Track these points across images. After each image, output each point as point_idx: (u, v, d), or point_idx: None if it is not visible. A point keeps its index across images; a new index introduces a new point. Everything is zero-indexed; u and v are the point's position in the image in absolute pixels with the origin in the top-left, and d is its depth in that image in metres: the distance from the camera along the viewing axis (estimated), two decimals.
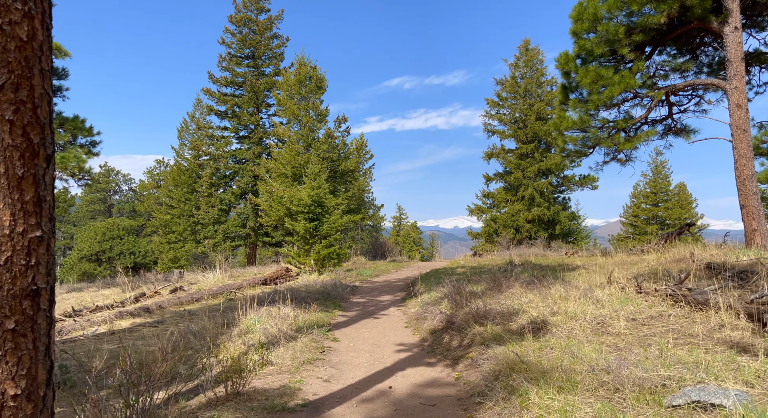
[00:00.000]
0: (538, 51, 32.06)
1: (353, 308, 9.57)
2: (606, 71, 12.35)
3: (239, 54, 28.53)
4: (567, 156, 14.54)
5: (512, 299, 7.18)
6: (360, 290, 12.36)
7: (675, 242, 23.00)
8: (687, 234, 21.70)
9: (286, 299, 9.52)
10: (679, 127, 13.34)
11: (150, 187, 51.05)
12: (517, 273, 10.48)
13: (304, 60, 19.10)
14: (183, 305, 11.31)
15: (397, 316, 8.69)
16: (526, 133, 31.06)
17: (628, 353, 4.54)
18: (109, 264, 44.00)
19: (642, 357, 4.35)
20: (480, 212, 32.79)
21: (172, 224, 35.24)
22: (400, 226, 48.37)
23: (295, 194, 15.20)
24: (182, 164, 34.77)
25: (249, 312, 7.86)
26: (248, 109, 28.34)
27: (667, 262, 10.58)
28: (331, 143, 19.34)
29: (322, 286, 11.09)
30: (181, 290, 14.09)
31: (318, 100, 19.22)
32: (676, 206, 40.76)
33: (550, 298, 6.91)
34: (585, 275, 9.77)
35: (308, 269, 14.94)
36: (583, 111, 13.21)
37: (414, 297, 9.90)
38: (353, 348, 6.48)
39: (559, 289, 7.39)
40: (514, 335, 5.69)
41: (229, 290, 12.71)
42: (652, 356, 4.37)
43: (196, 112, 35.77)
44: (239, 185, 27.98)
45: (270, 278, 14.32)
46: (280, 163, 18.73)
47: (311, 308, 8.38)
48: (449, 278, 11.15)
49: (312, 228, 15.05)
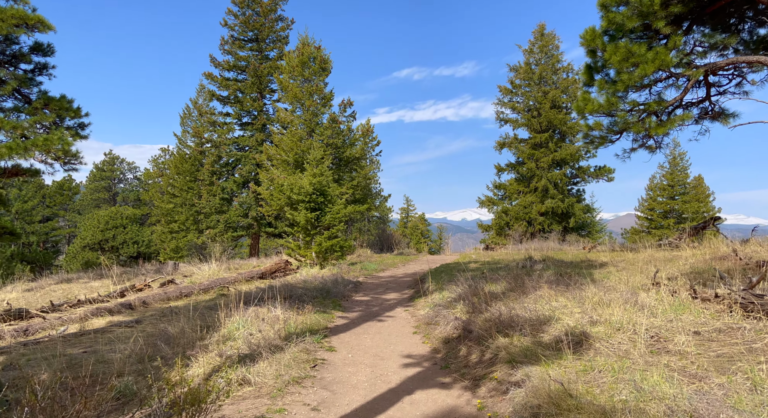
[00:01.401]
0: (553, 36, 30.64)
1: (355, 308, 8.54)
2: (638, 48, 11.12)
3: (242, 37, 27.39)
4: (590, 142, 13.32)
5: (540, 302, 6.10)
6: (364, 286, 11.32)
7: (700, 236, 21.78)
8: (712, 228, 20.49)
9: (280, 297, 8.51)
10: (717, 111, 12.10)
11: (155, 175, 50.33)
12: (539, 271, 9.38)
13: (307, 40, 17.93)
14: (170, 301, 10.34)
15: (404, 318, 7.64)
16: (540, 121, 29.74)
17: (707, 383, 3.46)
18: (113, 253, 43.45)
19: (730, 391, 3.27)
20: (491, 203, 31.59)
21: (175, 213, 34.39)
22: (407, 218, 47.30)
23: (295, 182, 14.14)
24: (185, 152, 33.83)
25: (235, 313, 6.85)
26: (251, 95, 27.24)
27: (707, 259, 9.44)
28: (336, 129, 18.22)
29: (321, 282, 10.06)
30: (173, 283, 13.14)
31: (322, 83, 18.06)
32: (693, 200, 39.32)
33: (587, 302, 5.82)
34: (616, 273, 8.67)
35: (309, 263, 13.93)
36: (611, 92, 11.99)
37: (423, 296, 8.85)
38: (352, 361, 5.45)
39: (593, 291, 6.30)
40: (547, 350, 4.62)
41: (222, 285, 11.73)
42: (743, 389, 3.29)
43: (199, 99, 34.76)
44: (241, 173, 26.98)
45: (268, 271, 13.33)
46: (282, 150, 17.67)
47: (306, 309, 7.35)
48: (462, 275, 10.09)
49: (313, 218, 14.01)
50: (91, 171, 54.46)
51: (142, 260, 37.22)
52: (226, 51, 26.94)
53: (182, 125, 35.32)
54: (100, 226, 42.83)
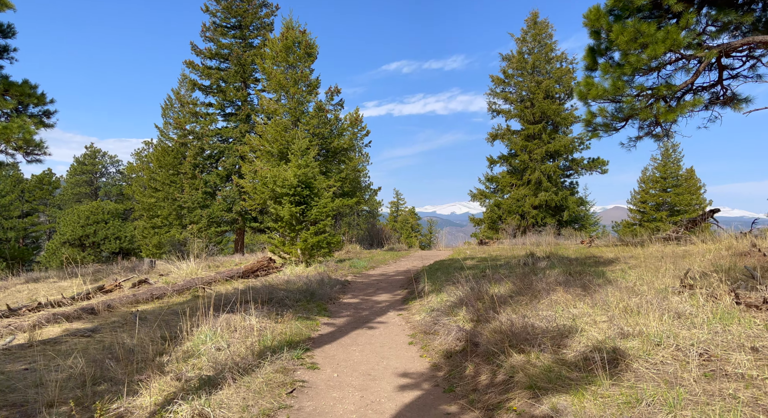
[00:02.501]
0: (546, 24, 29.82)
1: (343, 313, 7.67)
2: (648, 27, 10.31)
3: (225, 23, 26.22)
4: (593, 130, 12.52)
5: (557, 309, 5.27)
6: (352, 286, 10.45)
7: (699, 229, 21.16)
8: (711, 221, 19.88)
9: (259, 301, 7.61)
10: (728, 96, 11.34)
11: (138, 169, 48.92)
12: (545, 269, 8.58)
13: (292, 23, 16.89)
14: (138, 305, 9.40)
15: (397, 325, 6.79)
16: (533, 112, 28.97)
17: None
18: (94, 249, 42.15)
19: None
20: (483, 197, 30.84)
21: (157, 208, 33.20)
22: (397, 212, 46.48)
23: (279, 174, 13.20)
24: (167, 144, 32.64)
25: (204, 321, 5.95)
26: (235, 84, 26.12)
27: (726, 256, 8.70)
28: (323, 118, 17.25)
29: (306, 282, 9.17)
30: (146, 283, 12.17)
31: (308, 69, 17.06)
32: (686, 192, 38.91)
33: (612, 309, 5.00)
34: (630, 271, 7.89)
35: (294, 260, 13.03)
36: (616, 76, 11.18)
37: (418, 299, 8.00)
38: (337, 382, 4.58)
39: (615, 294, 5.49)
40: (574, 371, 3.80)
41: (198, 285, 10.79)
42: None
43: (182, 89, 33.47)
44: (225, 166, 25.91)
45: (249, 270, 12.40)
46: (266, 141, 16.69)
47: (286, 316, 6.46)
48: (460, 274, 9.26)
49: (298, 213, 13.09)
50: (72, 165, 52.87)
51: (120, 257, 35.98)
52: (208, 38, 25.77)
53: (164, 117, 34.06)
54: (81, 221, 41.49)
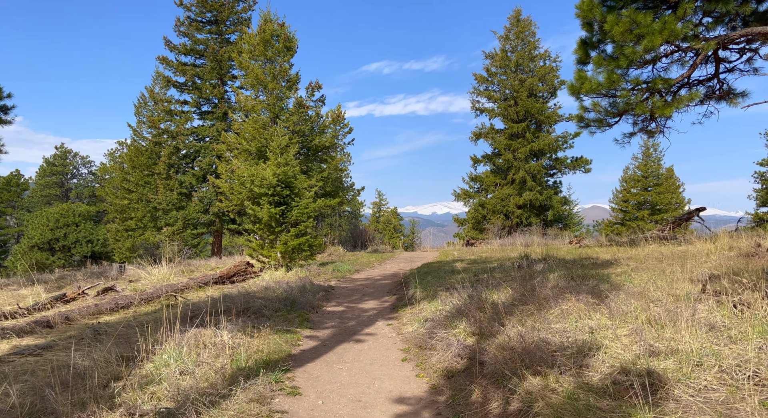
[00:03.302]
0: (530, 22, 29.54)
1: (326, 323, 6.99)
2: (644, 17, 9.85)
3: (200, 18, 25.25)
4: (586, 126, 12.02)
5: (569, 320, 4.68)
6: (336, 292, 9.76)
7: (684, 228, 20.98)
8: (696, 219, 19.70)
9: (234, 312, 6.89)
10: (725, 90, 10.97)
11: (111, 170, 47.37)
12: (542, 272, 8.03)
13: (270, 16, 16.14)
14: (101, 316, 8.58)
15: (387, 337, 6.14)
16: (517, 111, 28.63)
17: None
18: (64, 253, 40.68)
19: None
20: (467, 196, 30.40)
21: (130, 210, 31.97)
22: (380, 212, 45.86)
23: (257, 173, 12.45)
24: (140, 144, 31.49)
25: (169, 338, 5.22)
26: (211, 81, 25.18)
27: (731, 256, 8.26)
28: (303, 114, 16.52)
29: (286, 289, 8.46)
30: (113, 290, 11.30)
31: (287, 64, 16.32)
32: (667, 191, 39.09)
33: (633, 320, 4.43)
34: (634, 275, 7.38)
35: (273, 264, 12.28)
36: (611, 69, 10.70)
37: (409, 306, 7.36)
38: (323, 413, 3.91)
39: (631, 302, 4.94)
40: (605, 399, 3.20)
41: (169, 293, 9.99)
42: None
43: (156, 87, 32.32)
44: (201, 166, 24.94)
45: (225, 275, 11.62)
46: (243, 139, 15.89)
47: (264, 330, 5.76)
48: (452, 277, 8.65)
49: (278, 214, 12.35)
50: (41, 166, 50.98)
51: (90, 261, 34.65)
52: (182, 33, 24.78)
53: (137, 115, 32.81)
54: (50, 224, 39.95)
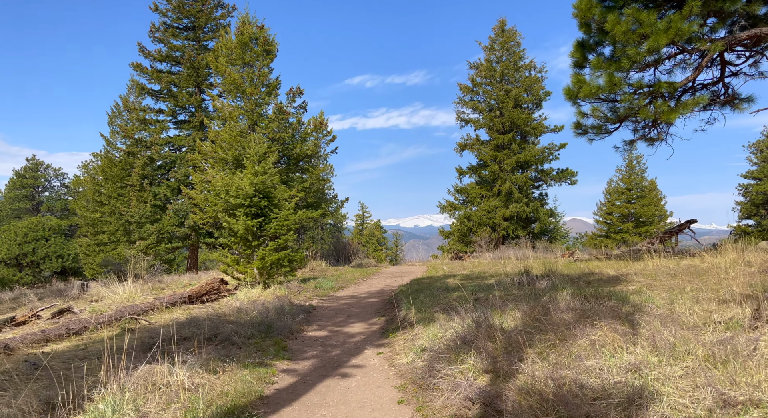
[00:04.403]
0: (514, 32, 29.29)
1: (307, 352, 6.06)
2: (647, 16, 9.28)
3: (176, 24, 24.33)
4: (583, 133, 11.42)
5: (602, 354, 3.86)
6: (319, 313, 8.82)
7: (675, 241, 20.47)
8: (687, 232, 19.26)
9: (196, 341, 5.93)
10: (730, 95, 10.44)
11: (85, 183, 45.67)
12: (547, 290, 7.23)
13: (248, 18, 15.32)
14: (48, 343, 7.51)
15: (378, 370, 5.24)
16: (502, 121, 28.19)
17: None
18: (33, 269, 38.98)
19: None
20: (452, 208, 29.74)
21: (102, 224, 30.55)
22: (363, 225, 44.93)
23: (232, 182, 11.50)
24: (114, 155, 30.24)
25: (115, 377, 4.26)
26: (188, 89, 24.22)
27: (754, 273, 7.57)
28: (283, 121, 15.64)
29: (262, 311, 7.50)
30: (70, 312, 10.17)
31: (266, 68, 15.48)
32: (650, 203, 39.00)
33: (683, 355, 3.62)
34: (651, 293, 6.62)
35: (250, 281, 11.30)
36: (612, 71, 10.09)
37: (401, 330, 6.48)
38: None
39: (671, 330, 4.15)
40: None
41: (131, 315, 8.93)
42: None
43: (131, 95, 31.14)
44: (176, 177, 23.81)
45: (196, 294, 10.59)
46: (219, 147, 14.95)
47: (232, 365, 4.82)
48: (447, 296, 7.80)
49: (255, 226, 11.40)
50: (11, 179, 49.05)
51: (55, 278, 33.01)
52: (158, 39, 23.81)
53: (111, 125, 31.52)
54: (18, 238, 38.20)
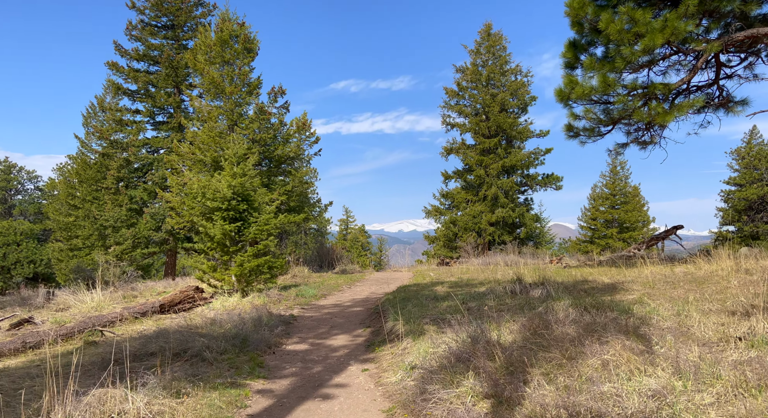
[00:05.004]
0: (500, 36, 29.10)
1: (285, 369, 5.51)
2: (642, 14, 8.97)
3: (155, 22, 23.59)
4: (575, 136, 11.08)
5: (618, 378, 3.40)
6: (300, 323, 8.26)
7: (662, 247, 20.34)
8: (673, 237, 19.15)
9: (159, 358, 5.35)
10: (725, 97, 10.19)
11: (60, 185, 44.37)
12: (542, 299, 6.80)
13: (228, 15, 14.75)
14: (2, 359, 6.86)
15: (364, 390, 4.73)
16: (488, 125, 27.94)
17: None
18: (3, 275, 37.69)
19: None
20: (438, 213, 29.35)
21: (76, 228, 29.53)
22: (347, 229, 44.36)
23: (209, 185, 10.91)
24: (89, 156, 29.29)
25: (60, 404, 3.68)
26: (166, 89, 23.46)
27: (755, 281, 7.23)
28: (265, 122, 15.08)
29: (237, 323, 6.93)
30: (30, 323, 9.46)
31: (247, 67, 14.92)
32: (634, 209, 39.17)
33: (709, 379, 3.19)
34: (653, 303, 6.23)
35: (227, 289, 10.69)
36: (605, 71, 9.75)
37: (389, 344, 5.97)
38: None
39: (689, 347, 3.73)
40: None
41: (96, 326, 8.28)
42: None
43: (107, 95, 30.20)
44: (154, 180, 23.00)
45: (169, 303, 9.95)
46: (197, 148, 14.32)
47: (199, 387, 4.26)
48: (437, 305, 7.33)
49: (233, 231, 10.81)
50: None
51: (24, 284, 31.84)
52: (135, 37, 23.02)
53: (86, 126, 30.59)
54: None
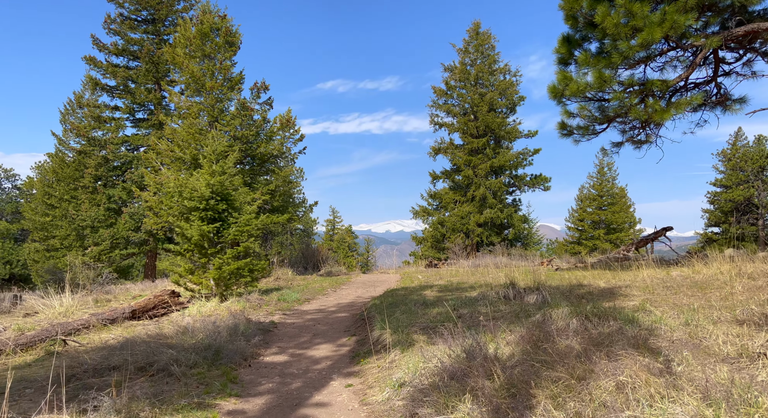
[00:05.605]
0: (489, 35, 28.83)
1: (261, 385, 5.01)
2: (640, 7, 8.62)
3: (135, 16, 22.86)
4: (568, 134, 10.70)
5: (638, 404, 2.97)
6: (280, 331, 7.75)
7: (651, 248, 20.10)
8: (662, 239, 18.95)
9: (128, 372, 4.82)
10: (723, 95, 9.89)
11: (38, 184, 43.22)
12: (539, 305, 6.39)
13: (209, 7, 14.15)
14: None
15: (347, 408, 4.25)
16: (477, 125, 27.62)
17: None
18: None
19: None
20: (426, 214, 28.97)
21: (53, 228, 28.62)
22: (334, 230, 43.79)
23: (187, 183, 10.35)
24: (66, 154, 28.44)
25: None
26: (146, 85, 22.72)
27: (761, 286, 6.89)
28: (247, 118, 14.53)
29: (211, 332, 6.40)
30: None
31: (229, 61, 14.35)
32: (621, 210, 39.15)
33: (743, 405, 2.77)
34: (657, 310, 5.84)
35: (205, 293, 10.13)
36: (601, 67, 9.38)
37: (375, 354, 5.50)
38: None
39: (713, 367, 3.32)
40: None
41: (61, 335, 7.69)
42: None
43: (86, 92, 29.33)
44: (133, 179, 22.26)
45: (142, 308, 9.37)
46: (177, 145, 13.72)
47: (160, 410, 3.75)
48: (426, 311, 6.87)
49: (212, 232, 10.27)
50: None
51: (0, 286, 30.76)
52: (113, 31, 22.27)
53: (63, 123, 29.74)
54: None
